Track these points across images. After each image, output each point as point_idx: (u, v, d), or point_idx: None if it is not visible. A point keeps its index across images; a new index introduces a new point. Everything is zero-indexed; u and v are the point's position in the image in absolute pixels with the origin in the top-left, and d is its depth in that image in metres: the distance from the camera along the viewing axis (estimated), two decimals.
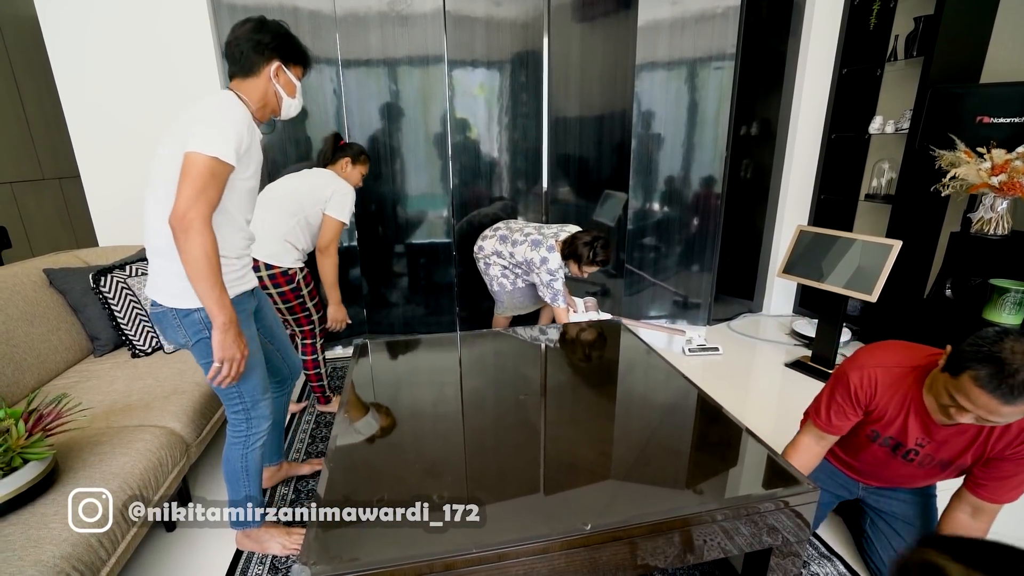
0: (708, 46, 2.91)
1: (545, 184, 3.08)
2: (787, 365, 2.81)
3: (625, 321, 2.69)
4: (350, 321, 2.20)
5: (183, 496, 1.75)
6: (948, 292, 2.52)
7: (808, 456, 1.37)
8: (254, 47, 1.25)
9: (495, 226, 2.70)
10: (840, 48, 3.05)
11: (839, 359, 2.79)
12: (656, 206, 3.23)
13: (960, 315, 2.40)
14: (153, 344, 2.03)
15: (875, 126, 2.94)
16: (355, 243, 2.90)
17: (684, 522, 1.11)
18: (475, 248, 2.71)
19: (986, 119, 2.38)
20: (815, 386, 2.59)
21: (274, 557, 1.53)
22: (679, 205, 3.22)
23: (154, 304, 1.27)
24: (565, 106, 3.01)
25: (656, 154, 3.12)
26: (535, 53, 2.87)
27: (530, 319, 2.94)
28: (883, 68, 2.92)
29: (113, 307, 1.97)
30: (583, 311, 2.70)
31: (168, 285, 1.23)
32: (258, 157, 1.29)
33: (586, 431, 1.53)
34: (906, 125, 2.74)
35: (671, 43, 2.93)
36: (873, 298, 2.34)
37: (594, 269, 2.45)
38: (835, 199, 3.26)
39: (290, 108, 1.36)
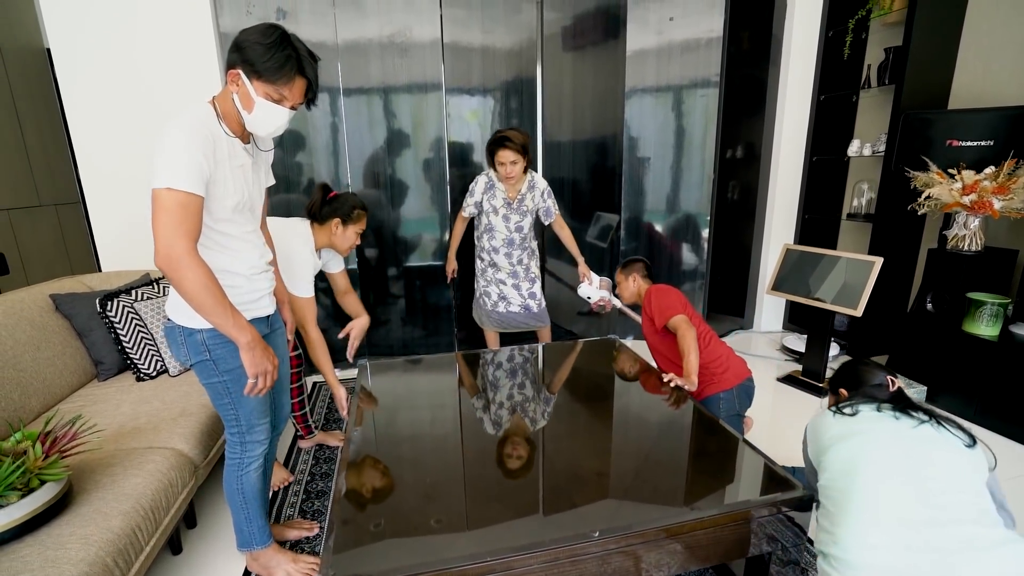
0: (693, 74, 3.06)
1: None
2: (779, 380, 2.89)
3: (628, 312, 2.72)
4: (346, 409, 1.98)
5: (189, 518, 1.76)
6: (929, 306, 2.63)
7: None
8: (232, 48, 1.14)
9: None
10: (817, 76, 3.22)
11: (828, 373, 2.87)
12: (647, 227, 3.33)
13: (941, 328, 2.50)
14: (158, 368, 2.05)
15: (853, 149, 3.09)
16: (355, 266, 2.96)
17: (689, 528, 1.15)
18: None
19: (955, 142, 2.52)
20: (807, 399, 2.66)
21: None
22: (669, 226, 3.32)
23: (167, 319, 1.29)
24: (558, 131, 3.13)
25: (646, 176, 3.24)
26: (529, 80, 3.00)
27: (524, 338, 2.99)
28: (858, 95, 3.08)
29: (119, 331, 2.00)
30: (597, 286, 2.63)
31: (177, 302, 1.25)
32: (239, 172, 1.23)
33: (585, 448, 1.57)
34: (882, 148, 2.88)
35: (658, 71, 3.07)
36: (858, 313, 2.43)
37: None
38: (819, 218, 3.39)
39: (253, 124, 1.20)
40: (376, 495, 1.32)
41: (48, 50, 2.34)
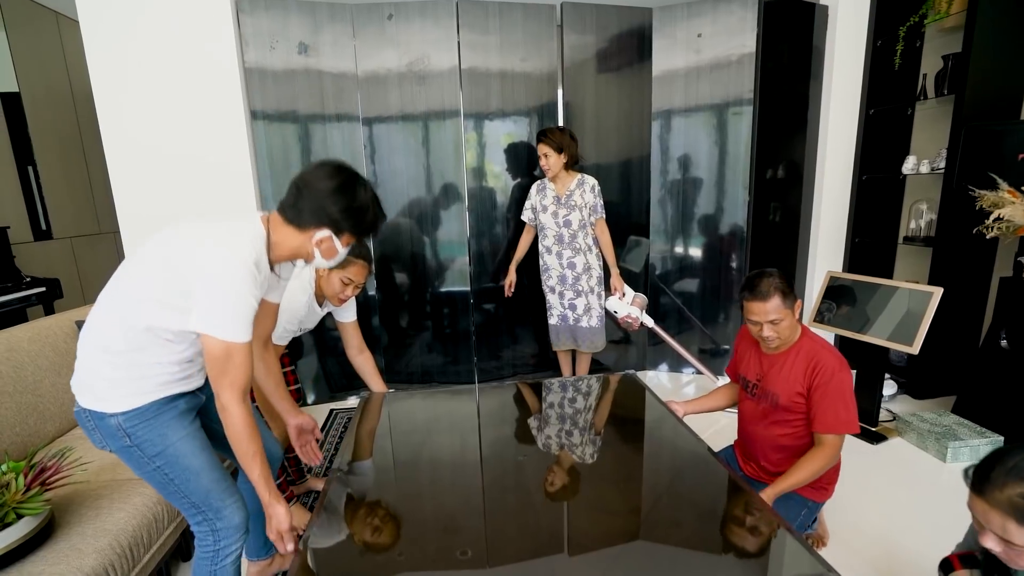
0: (725, 92, 2.90)
1: None
2: None
3: (660, 332, 2.67)
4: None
5: (183, 551, 1.74)
6: (1003, 343, 2.30)
7: (716, 395, 1.82)
8: (315, 210, 1.11)
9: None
10: (865, 88, 2.96)
11: (883, 414, 2.57)
12: (680, 251, 3.16)
13: (1019, 369, 2.17)
14: None
15: (909, 166, 2.81)
16: (375, 292, 2.95)
17: None
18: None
19: None
20: (857, 445, 2.37)
21: None
22: (703, 250, 3.13)
23: (76, 403, 1.13)
24: (583, 154, 3.03)
25: (677, 199, 3.08)
26: (550, 104, 2.94)
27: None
28: (913, 107, 2.82)
29: None
30: (628, 301, 2.58)
31: (82, 379, 1.13)
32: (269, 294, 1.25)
33: (607, 488, 1.43)
34: (942, 164, 2.60)
35: (687, 90, 2.94)
36: (914, 350, 2.15)
37: None
38: (871, 242, 3.09)
39: (324, 264, 1.22)
40: (374, 541, 1.23)
41: None
